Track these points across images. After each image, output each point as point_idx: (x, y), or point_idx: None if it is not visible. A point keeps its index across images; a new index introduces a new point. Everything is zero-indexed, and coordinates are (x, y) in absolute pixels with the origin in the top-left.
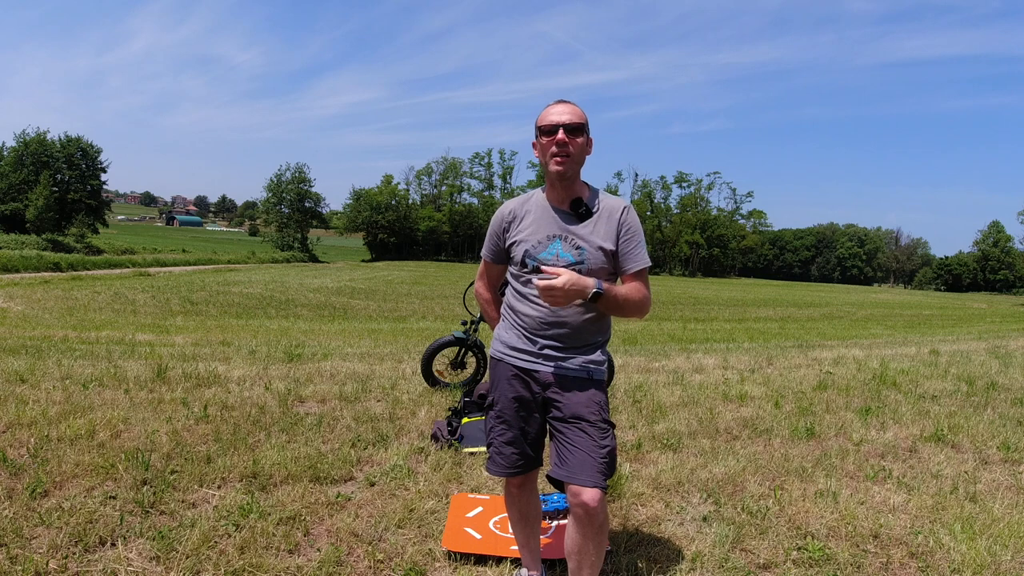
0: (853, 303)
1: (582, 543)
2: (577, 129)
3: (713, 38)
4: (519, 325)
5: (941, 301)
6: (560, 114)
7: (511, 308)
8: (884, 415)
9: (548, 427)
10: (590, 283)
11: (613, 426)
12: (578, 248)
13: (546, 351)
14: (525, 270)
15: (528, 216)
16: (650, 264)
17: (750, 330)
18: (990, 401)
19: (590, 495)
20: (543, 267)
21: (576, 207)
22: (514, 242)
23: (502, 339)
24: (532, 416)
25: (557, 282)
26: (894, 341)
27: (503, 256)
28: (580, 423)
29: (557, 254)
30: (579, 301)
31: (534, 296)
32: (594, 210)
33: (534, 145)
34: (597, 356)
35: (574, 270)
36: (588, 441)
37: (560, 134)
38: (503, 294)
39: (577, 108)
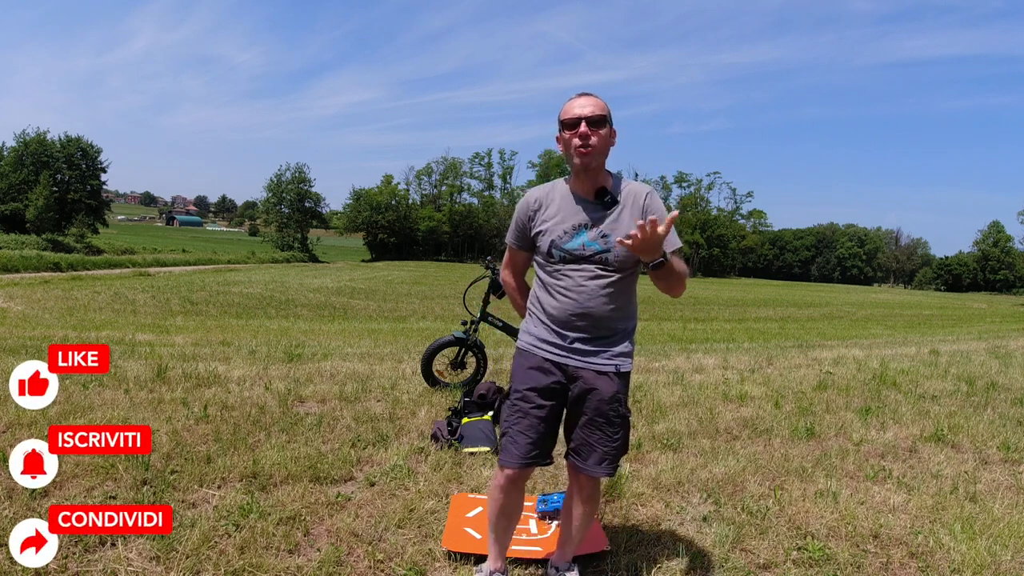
0: (853, 303)
1: (581, 505)
2: (599, 121)
3: (713, 38)
4: (547, 318)
5: (941, 301)
6: (582, 107)
7: (537, 300)
8: (884, 415)
9: (566, 417)
10: (658, 254)
11: (629, 414)
12: (604, 237)
13: (576, 344)
14: (552, 260)
15: (553, 205)
16: (681, 244)
17: (750, 330)
18: (990, 401)
19: (599, 478)
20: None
21: (601, 196)
22: (540, 232)
23: (530, 332)
24: (552, 407)
25: (649, 231)
26: (894, 341)
27: (529, 243)
28: (598, 420)
29: (583, 244)
30: (604, 284)
31: (561, 287)
32: (619, 198)
33: (558, 139)
34: (625, 347)
35: (600, 259)
36: (603, 439)
37: (582, 127)
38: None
39: (599, 100)
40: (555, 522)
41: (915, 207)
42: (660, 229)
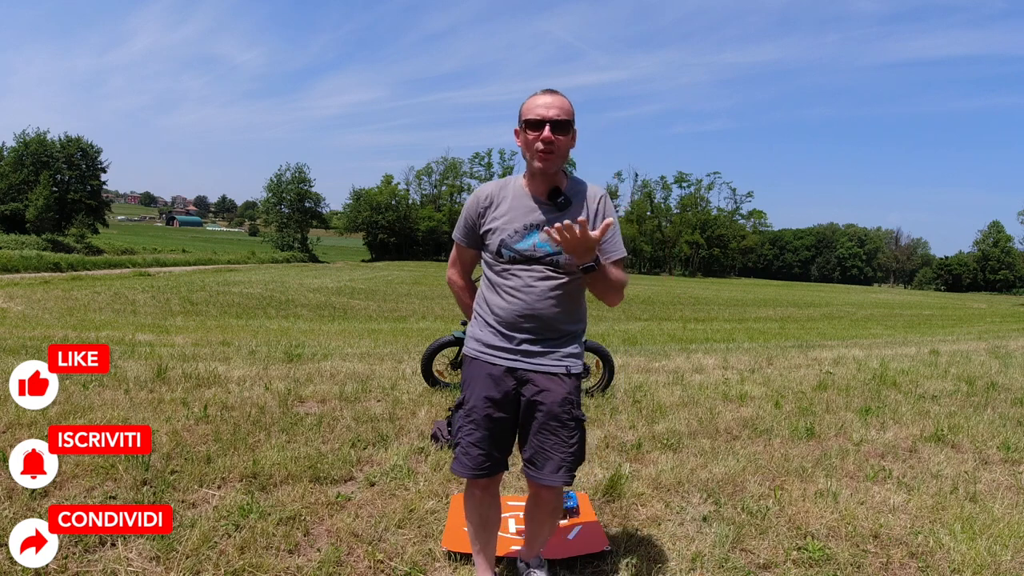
0: (853, 303)
1: (542, 516)
2: (564, 125)
3: (717, 38)
4: (494, 320)
5: (941, 301)
6: (548, 107)
7: (485, 301)
8: (884, 415)
9: (520, 427)
10: (590, 257)
11: (583, 419)
12: None
13: (524, 346)
14: (501, 260)
15: (505, 203)
16: (626, 254)
17: (750, 330)
18: (990, 401)
19: (556, 487)
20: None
21: (554, 197)
22: (490, 229)
23: (477, 337)
24: (504, 417)
25: (577, 231)
26: (894, 341)
27: (477, 241)
28: (552, 424)
29: (534, 244)
30: (554, 285)
31: (509, 287)
32: (573, 200)
33: (517, 133)
34: (574, 348)
35: (551, 260)
36: (559, 444)
37: (547, 131)
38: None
39: (565, 101)
40: (560, 521)
41: (915, 207)
42: (593, 233)
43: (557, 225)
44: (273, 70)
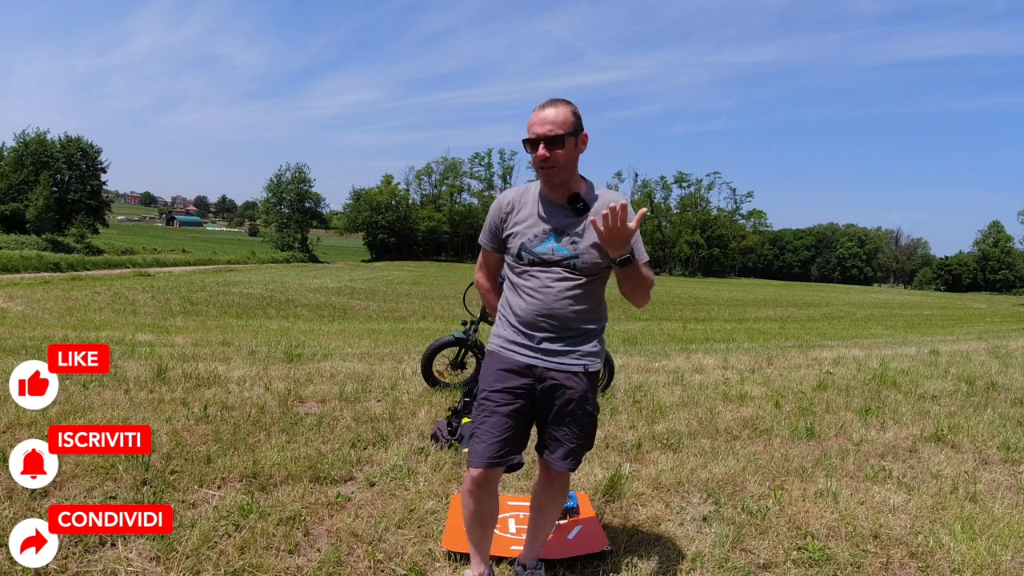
0: (853, 303)
1: (547, 498)
2: (558, 140)
3: (717, 38)
4: (515, 320)
5: (941, 301)
6: (542, 124)
7: (507, 302)
8: (884, 415)
9: (535, 417)
10: (626, 249)
11: (596, 412)
12: (574, 243)
13: (544, 344)
14: (521, 262)
15: (525, 208)
16: (647, 258)
17: (750, 330)
18: (990, 401)
19: (565, 473)
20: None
21: (573, 202)
22: (511, 234)
23: (500, 335)
24: (520, 407)
25: (615, 224)
26: (894, 341)
27: (501, 245)
28: (566, 419)
29: (553, 248)
30: (570, 286)
31: (528, 288)
32: (592, 206)
33: None
34: (593, 346)
35: (568, 264)
36: (570, 435)
37: (541, 149)
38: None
39: (562, 113)
40: (559, 521)
41: (915, 207)
42: (631, 224)
43: (604, 211)
44: (273, 70)
